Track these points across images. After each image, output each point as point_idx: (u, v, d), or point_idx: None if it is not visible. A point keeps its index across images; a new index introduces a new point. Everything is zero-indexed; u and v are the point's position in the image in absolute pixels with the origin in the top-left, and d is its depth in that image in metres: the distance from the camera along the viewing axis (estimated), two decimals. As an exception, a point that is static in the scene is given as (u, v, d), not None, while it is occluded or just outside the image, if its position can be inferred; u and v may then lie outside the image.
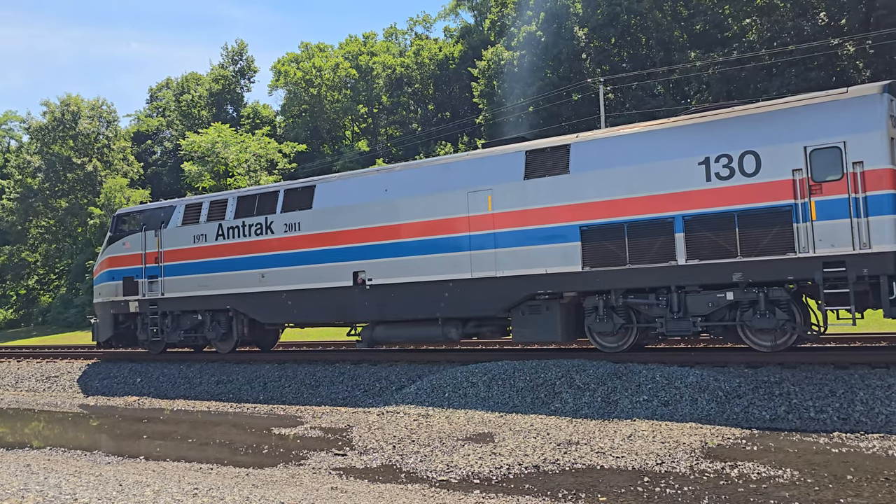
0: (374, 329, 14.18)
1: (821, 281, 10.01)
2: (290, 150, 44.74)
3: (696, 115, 11.41)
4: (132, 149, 57.27)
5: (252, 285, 15.40)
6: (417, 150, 50.35)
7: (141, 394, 15.72)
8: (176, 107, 62.48)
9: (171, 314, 16.86)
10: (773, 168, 10.34)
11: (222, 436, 11.03)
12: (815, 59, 34.08)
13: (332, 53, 60.04)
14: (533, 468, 7.87)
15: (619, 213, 11.44)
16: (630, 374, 10.83)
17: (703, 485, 6.93)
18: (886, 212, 9.67)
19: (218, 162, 39.79)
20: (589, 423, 9.83)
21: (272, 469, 8.55)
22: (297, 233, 14.83)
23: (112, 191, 47.16)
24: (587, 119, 37.53)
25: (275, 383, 14.37)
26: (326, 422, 11.36)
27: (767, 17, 36.48)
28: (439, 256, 13.03)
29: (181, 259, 16.60)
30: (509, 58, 43.96)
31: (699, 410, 9.84)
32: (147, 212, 17.85)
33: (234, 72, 64.46)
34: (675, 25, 41.48)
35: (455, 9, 60.96)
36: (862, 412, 9.05)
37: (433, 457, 8.58)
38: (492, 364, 12.26)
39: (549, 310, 12.19)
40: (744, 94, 34.52)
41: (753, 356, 10.84)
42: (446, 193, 13.08)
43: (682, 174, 10.97)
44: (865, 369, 9.85)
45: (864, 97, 10.07)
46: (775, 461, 7.61)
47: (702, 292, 10.99)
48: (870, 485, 6.69)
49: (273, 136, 48.92)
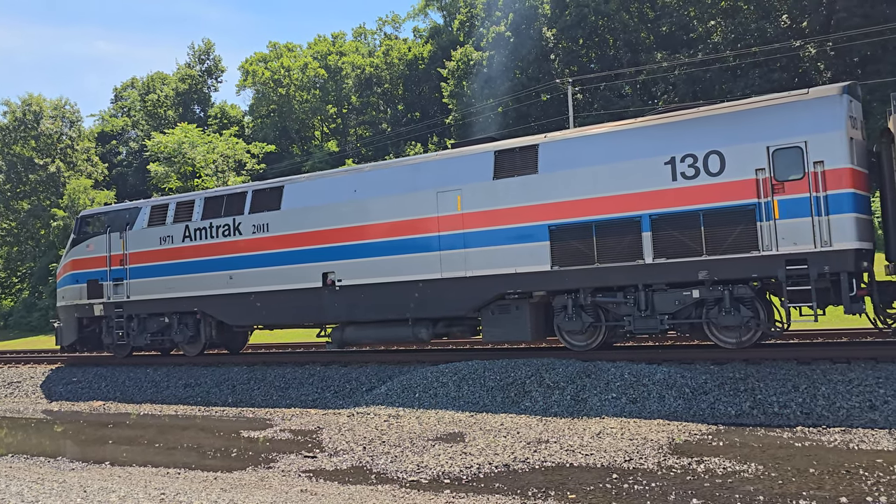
0: (344, 330, 14.11)
1: (784, 278, 10.20)
2: (258, 150, 44.35)
3: (662, 116, 11.55)
4: (96, 149, 56.26)
5: (220, 287, 15.23)
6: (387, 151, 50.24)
7: (106, 398, 15.45)
8: (141, 107, 61.52)
9: (137, 317, 16.60)
10: (737, 168, 10.52)
11: (190, 440, 10.89)
12: (778, 61, 34.75)
13: (301, 53, 59.64)
14: (503, 467, 7.90)
15: (588, 212, 11.53)
16: (599, 373, 10.93)
17: (671, 480, 7.03)
18: (846, 210, 9.89)
19: (185, 163, 39.29)
20: (558, 422, 9.90)
21: (241, 472, 8.47)
22: (265, 234, 14.70)
23: (76, 192, 46.27)
24: (556, 119, 37.80)
25: (244, 386, 14.23)
26: (296, 424, 11.28)
27: (731, 20, 37.11)
28: (409, 257, 13.02)
29: (147, 261, 16.35)
30: (478, 58, 44.09)
31: (666, 407, 9.97)
32: (112, 213, 17.55)
33: (200, 71, 63.68)
34: (641, 27, 41.98)
35: (424, 9, 60.93)
36: (824, 406, 9.24)
37: (403, 457, 8.57)
38: (462, 364, 12.28)
39: (519, 309, 12.25)
40: (709, 94, 35.05)
41: (719, 353, 11.02)
42: (416, 194, 13.08)
43: (649, 174, 11.10)
44: (827, 364, 10.07)
45: (824, 98, 10.28)
46: (740, 456, 7.74)
47: (669, 290, 11.12)
48: (831, 478, 6.84)
49: (241, 137, 48.43)
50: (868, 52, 33.53)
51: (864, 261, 10.20)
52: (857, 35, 31.53)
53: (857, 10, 32.50)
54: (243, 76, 59.90)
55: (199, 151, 39.51)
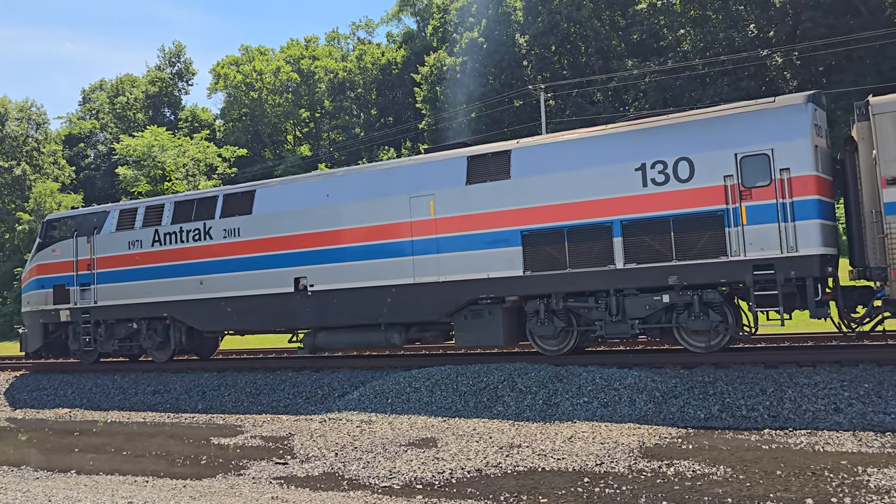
0: (317, 335, 14.03)
1: (751, 283, 10.37)
2: (229, 154, 43.98)
3: (632, 123, 11.69)
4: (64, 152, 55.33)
5: (190, 292, 15.04)
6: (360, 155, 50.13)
7: (73, 406, 15.16)
8: (110, 109, 60.66)
9: (104, 323, 16.32)
10: (706, 174, 10.67)
11: (159, 447, 10.73)
12: (746, 70, 35.38)
13: (273, 57, 59.31)
14: (475, 472, 7.91)
15: (559, 217, 11.62)
16: (570, 377, 10.99)
17: (641, 484, 7.09)
18: (811, 216, 10.09)
19: (154, 166, 38.81)
20: (531, 426, 9.94)
21: (211, 480, 8.36)
22: (236, 238, 14.57)
23: (42, 196, 45.44)
24: (528, 125, 38.05)
25: (214, 392, 14.06)
26: (267, 430, 11.18)
27: (700, 28, 37.71)
28: (382, 262, 12.99)
29: (115, 266, 16.10)
30: (452, 64, 44.23)
31: (637, 411, 10.06)
32: (79, 217, 17.26)
33: (171, 74, 63.01)
34: (613, 34, 42.47)
35: (398, 14, 61.02)
36: (790, 409, 9.40)
37: (376, 463, 8.53)
38: (435, 369, 12.28)
39: (492, 314, 12.28)
40: (679, 102, 35.57)
41: (689, 357, 11.15)
42: (389, 198, 13.06)
43: (620, 180, 11.22)
44: (793, 368, 10.24)
45: (790, 106, 10.49)
46: (710, 459, 7.84)
47: (639, 295, 11.24)
48: (797, 479, 6.95)
49: (212, 140, 48.00)
50: (832, 62, 34.30)
51: (829, 266, 10.41)
52: (821, 45, 32.23)
53: (822, 20, 33.25)
54: (215, 79, 59.40)
55: (169, 155, 39.06)
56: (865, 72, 32.99)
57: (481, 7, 45.19)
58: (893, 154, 9.79)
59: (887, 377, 9.46)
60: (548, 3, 41.67)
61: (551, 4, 41.45)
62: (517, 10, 43.73)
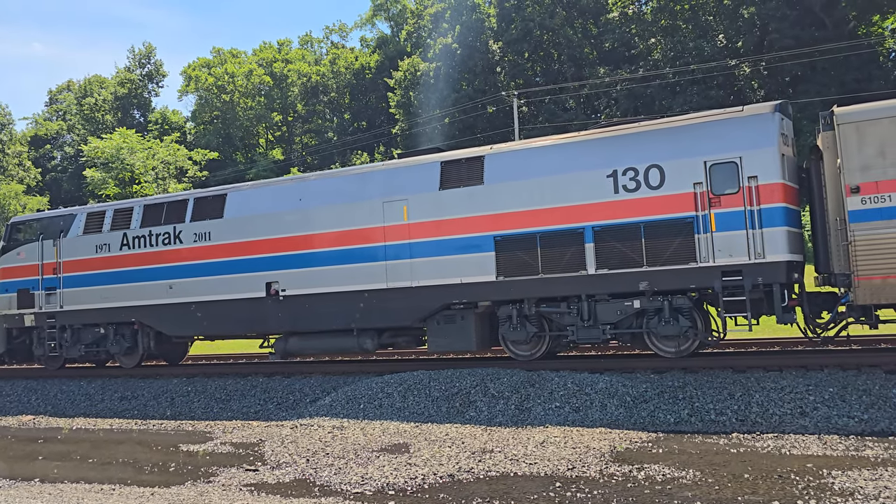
0: (288, 340, 13.91)
1: (720, 289, 10.52)
2: (200, 157, 43.50)
3: (604, 130, 11.81)
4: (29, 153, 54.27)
5: (159, 297, 14.83)
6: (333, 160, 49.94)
7: (37, 412, 14.84)
8: (78, 110, 59.68)
9: (70, 328, 16.02)
10: (676, 181, 10.82)
11: (126, 454, 10.55)
12: (715, 79, 35.96)
13: (246, 60, 58.86)
14: (448, 477, 7.90)
15: (532, 223, 11.68)
16: (543, 382, 11.04)
17: (612, 488, 7.15)
18: (778, 223, 10.28)
19: (123, 169, 38.24)
20: (503, 431, 9.97)
21: (179, 487, 8.24)
22: (207, 242, 14.41)
23: (6, 198, 44.50)
24: (502, 131, 38.24)
25: (183, 398, 13.87)
26: (238, 437, 11.05)
27: (671, 38, 38.26)
28: (354, 266, 12.94)
29: (82, 270, 15.82)
30: (425, 69, 44.30)
31: (608, 416, 10.14)
32: (45, 220, 16.94)
33: (141, 75, 62.20)
34: (585, 42, 42.89)
35: (371, 19, 60.97)
36: (758, 413, 9.55)
37: (348, 469, 8.49)
38: (407, 374, 12.25)
39: (465, 319, 12.30)
40: (649, 109, 36.03)
41: (659, 362, 11.27)
42: (362, 203, 13.02)
43: (592, 186, 11.32)
44: (761, 373, 10.41)
45: (758, 115, 10.68)
46: (679, 463, 7.93)
47: (611, 301, 11.34)
48: (765, 482, 7.06)
49: (183, 143, 47.42)
50: (798, 73, 35.03)
51: (795, 272, 10.61)
52: (788, 56, 32.90)
53: (788, 32, 33.95)
54: (186, 81, 58.78)
55: (138, 157, 38.53)
56: (830, 82, 33.76)
57: (455, 13, 45.36)
58: (857, 163, 10.01)
59: (851, 381, 9.66)
60: (521, 11, 41.97)
61: (524, 12, 41.76)
62: (491, 16, 43.98)
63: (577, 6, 43.36)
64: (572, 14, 43.08)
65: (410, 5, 57.36)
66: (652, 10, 39.82)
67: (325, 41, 65.31)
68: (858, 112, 10.16)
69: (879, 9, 35.25)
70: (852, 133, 10.07)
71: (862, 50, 33.52)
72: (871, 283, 9.86)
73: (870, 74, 34.02)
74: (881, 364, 10.02)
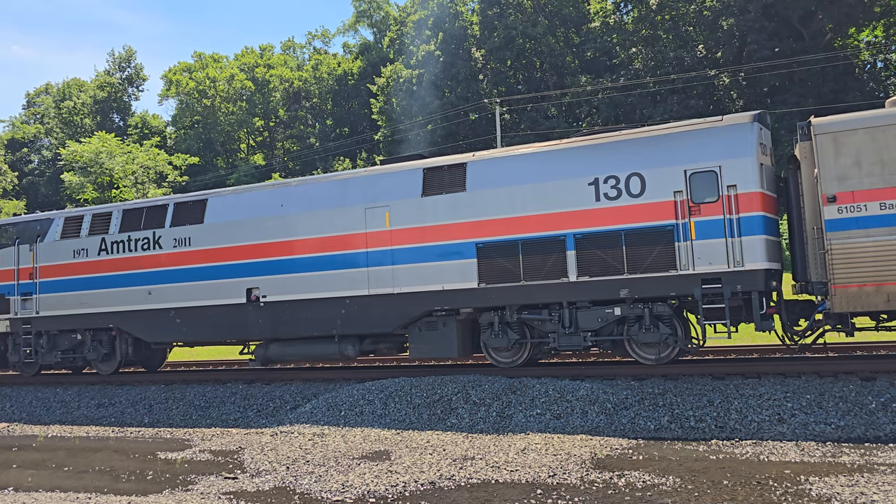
0: (269, 347, 13.83)
1: (700, 297, 10.62)
2: (181, 162, 43.17)
3: (586, 138, 11.88)
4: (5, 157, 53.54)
5: (138, 303, 14.68)
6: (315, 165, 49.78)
7: (11, 420, 14.60)
8: (56, 114, 59.01)
9: (46, 334, 15.80)
10: (657, 189, 10.92)
11: (102, 462, 10.40)
12: (695, 88, 36.36)
13: (227, 64, 58.56)
14: (429, 484, 7.88)
15: (514, 230, 11.72)
16: (524, 389, 11.06)
17: (593, 495, 7.16)
18: (757, 232, 10.40)
19: (102, 173, 37.86)
20: (484, 438, 9.96)
21: (157, 496, 8.14)
22: (187, 248, 14.30)
23: (-19, 201, 43.84)
24: (484, 138, 38.37)
25: (161, 405, 13.72)
26: (217, 444, 10.94)
27: (651, 48, 38.64)
28: (336, 273, 12.90)
29: (59, 275, 15.62)
30: (408, 76, 44.35)
31: (589, 422, 10.17)
32: (21, 224, 16.70)
33: (121, 79, 61.66)
34: (567, 51, 43.19)
35: (354, 25, 60.98)
36: (737, 420, 9.63)
37: (328, 477, 8.43)
38: (389, 381, 12.21)
39: (446, 326, 12.30)
40: (630, 118, 36.35)
41: (639, 369, 11.34)
42: (344, 209, 13.00)
43: (574, 194, 11.39)
44: (739, 380, 10.50)
45: (736, 125, 10.82)
46: (659, 469, 7.97)
47: (592, 308, 11.40)
48: (743, 489, 7.12)
49: (163, 148, 47.03)
50: (776, 83, 35.51)
51: (774, 280, 10.74)
52: (766, 67, 33.36)
53: (766, 43, 34.42)
54: (166, 85, 58.38)
55: (117, 162, 38.17)
56: (807, 93, 34.27)
57: (438, 20, 45.49)
58: (834, 173, 10.17)
59: (828, 388, 9.78)
60: (504, 19, 42.19)
61: (507, 20, 41.98)
62: (473, 24, 44.16)
63: (559, 15, 43.71)
64: (554, 23, 43.40)
65: (393, 12, 57.46)
66: (633, 21, 40.21)
67: (308, 47, 65.21)
68: (835, 123, 10.32)
69: (855, 22, 35.88)
70: (829, 143, 10.23)
71: (838, 62, 34.09)
72: (848, 291, 10.00)
73: (846, 86, 34.60)
74: (857, 371, 10.16)
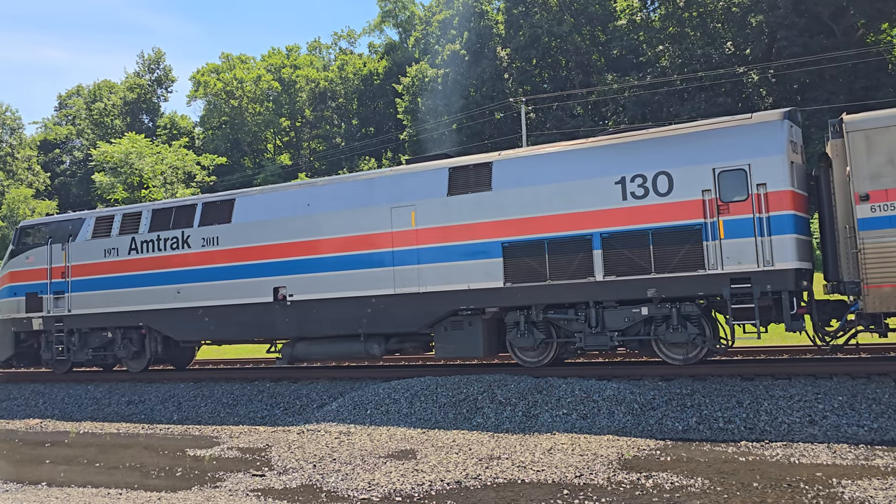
0: (295, 345, 13.93)
1: (728, 296, 10.48)
2: (208, 162, 43.68)
3: (612, 136, 11.80)
4: (38, 158, 54.61)
5: (167, 301, 14.88)
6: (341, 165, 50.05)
7: (44, 416, 14.89)
8: (87, 115, 60.03)
9: (78, 332, 16.08)
10: (685, 188, 10.80)
11: (133, 459, 10.57)
12: (723, 86, 35.91)
13: (254, 65, 59.10)
14: (455, 484, 7.88)
15: (540, 229, 11.67)
16: (550, 389, 11.02)
17: (620, 496, 7.11)
18: (787, 231, 10.25)
19: (132, 173, 38.45)
20: (510, 438, 9.94)
21: (186, 492, 8.24)
22: (215, 247, 14.45)
23: (15, 202, 44.78)
24: (509, 137, 38.28)
25: (190, 403, 13.89)
26: (244, 442, 11.06)
27: (679, 45, 38.25)
28: (362, 272, 12.95)
29: (90, 274, 15.88)
30: (433, 75, 44.38)
31: (616, 423, 10.10)
32: (53, 224, 17.02)
33: (150, 81, 62.53)
34: (593, 49, 42.92)
35: (380, 25, 61.19)
36: (766, 421, 9.49)
37: (354, 475, 8.48)
38: (414, 380, 12.24)
39: (472, 325, 12.29)
40: (657, 116, 36.01)
41: (667, 369, 11.23)
42: (370, 208, 13.04)
43: (600, 193, 11.31)
44: (769, 381, 10.36)
45: (766, 123, 10.66)
46: (687, 471, 7.89)
47: (618, 307, 11.31)
48: (774, 491, 7.02)
49: (191, 148, 47.62)
50: (806, 80, 34.95)
51: (804, 280, 10.56)
52: (796, 63, 32.84)
53: (796, 39, 33.88)
54: (194, 87, 59.06)
55: (146, 162, 38.75)
56: (838, 90, 33.68)
57: (463, 20, 45.46)
58: (866, 171, 9.97)
59: (860, 390, 9.61)
60: (529, 18, 42.05)
61: (532, 19, 41.83)
62: (499, 23, 44.07)
63: (585, 13, 43.43)
64: (580, 21, 43.14)
65: (419, 12, 57.56)
66: (660, 18, 39.84)
67: (334, 47, 65.58)
68: (868, 120, 10.13)
69: (888, 17, 35.17)
70: (861, 141, 10.04)
71: (870, 58, 33.44)
72: (881, 291, 9.81)
73: (878, 82, 33.93)
74: (891, 372, 9.96)
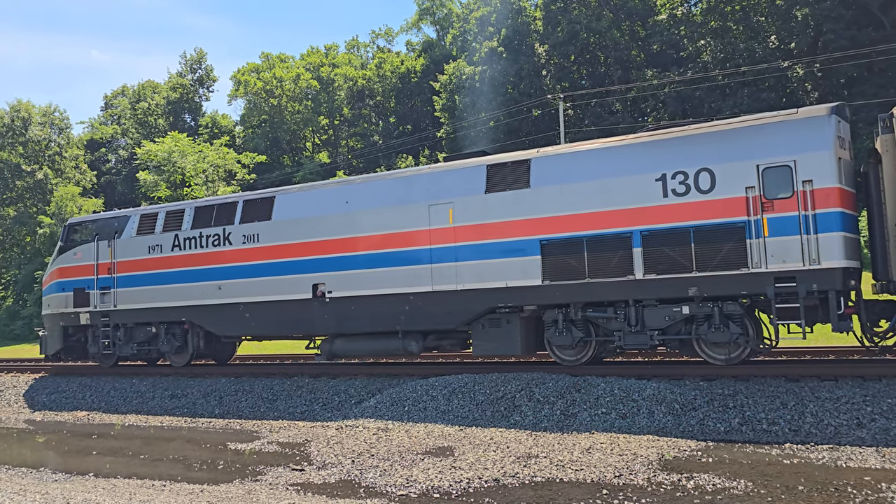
0: (334, 342, 14.05)
1: (772, 296, 10.26)
2: (249, 160, 44.27)
3: (653, 133, 11.63)
4: (85, 157, 56.01)
5: (209, 297, 15.14)
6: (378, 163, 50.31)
7: (91, 409, 15.29)
8: (132, 115, 61.34)
9: (123, 326, 16.46)
10: (728, 185, 10.60)
11: (176, 451, 10.78)
12: (767, 81, 35.12)
13: (293, 64, 59.72)
14: (493, 482, 7.87)
15: (579, 227, 11.57)
16: (588, 387, 10.92)
17: (661, 497, 7.02)
18: (834, 229, 9.98)
19: (174, 171, 39.18)
20: (548, 436, 9.88)
21: (227, 485, 8.38)
22: (255, 244, 14.65)
23: (63, 199, 45.98)
24: (547, 134, 38.01)
25: (231, 397, 14.12)
26: (284, 436, 11.19)
27: (721, 39, 37.52)
28: (400, 269, 13.00)
29: (135, 270, 16.24)
30: (471, 73, 44.29)
31: (656, 423, 9.97)
32: (100, 221, 17.45)
33: (192, 80, 63.64)
34: (632, 45, 42.38)
35: (417, 23, 61.29)
36: (812, 424, 9.27)
37: (392, 471, 8.52)
38: (452, 377, 12.25)
39: (510, 323, 12.24)
40: (698, 112, 35.38)
41: (708, 369, 11.04)
42: (408, 206, 13.08)
43: (640, 190, 11.17)
44: (815, 382, 10.11)
45: (813, 118, 10.40)
46: (730, 473, 7.75)
47: (659, 306, 11.16)
48: (820, 495, 6.85)
49: (232, 147, 48.31)
50: (854, 74, 33.98)
51: (852, 279, 10.28)
52: (843, 57, 31.96)
53: (843, 32, 32.95)
54: (235, 86, 59.92)
55: (188, 160, 39.43)
56: (888, 84, 32.65)
57: (501, 16, 45.27)
58: (919, 167, 9.67)
59: (912, 393, 9.31)
60: (567, 13, 41.69)
61: (571, 14, 41.46)
62: (537, 19, 43.78)
63: (624, 8, 42.89)
64: (619, 16, 42.62)
65: (456, 9, 57.51)
66: (701, 12, 39.11)
67: (372, 45, 65.89)
68: (920, 114, 9.82)
69: (941, 7, 33.95)
70: (914, 136, 9.73)
71: (922, 50, 32.34)
72: (934, 292, 9.49)
73: (930, 75, 32.80)
74: (944, 375, 9.63)
